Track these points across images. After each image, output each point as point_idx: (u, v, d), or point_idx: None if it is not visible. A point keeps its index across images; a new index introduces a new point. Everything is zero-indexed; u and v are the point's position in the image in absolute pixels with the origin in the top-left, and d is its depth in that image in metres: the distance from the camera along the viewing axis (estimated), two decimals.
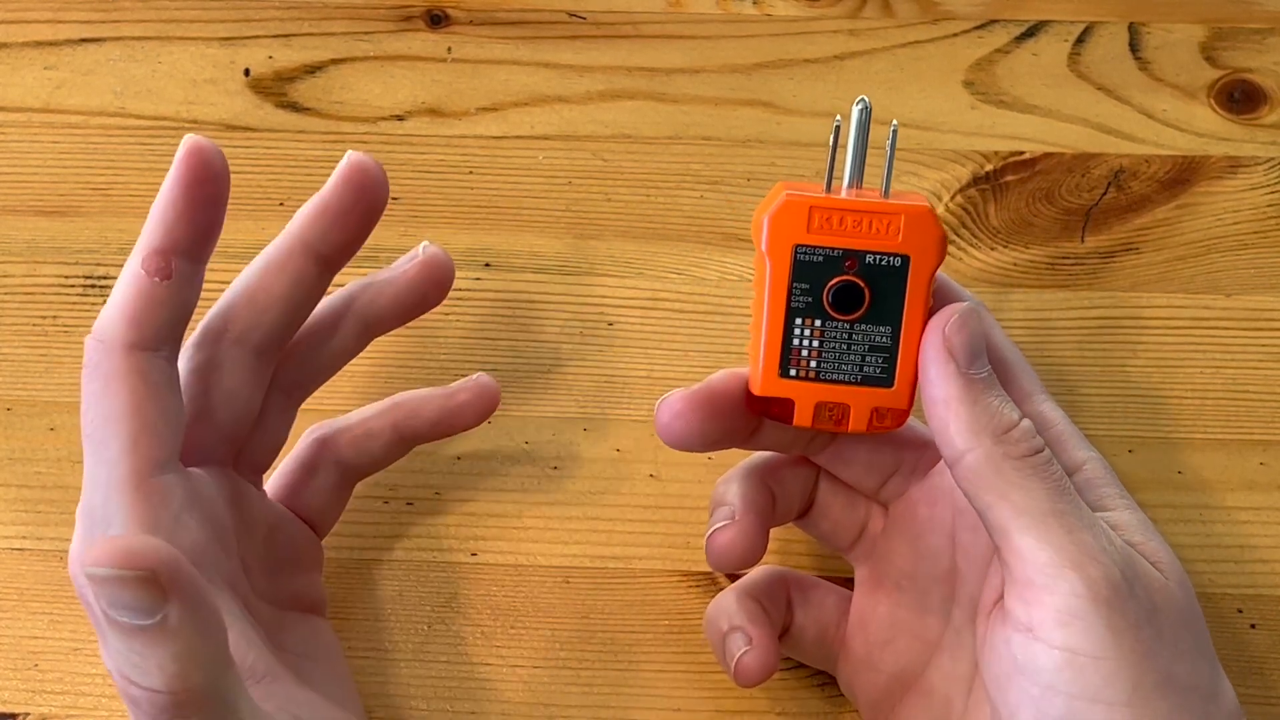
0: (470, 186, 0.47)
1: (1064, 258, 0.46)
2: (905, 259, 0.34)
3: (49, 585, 0.41)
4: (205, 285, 0.35)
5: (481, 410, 0.40)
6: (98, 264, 0.46)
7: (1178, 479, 0.43)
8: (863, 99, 0.34)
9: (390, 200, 0.47)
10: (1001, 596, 0.33)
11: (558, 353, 0.44)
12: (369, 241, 0.46)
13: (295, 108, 0.48)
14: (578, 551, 0.42)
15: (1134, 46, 0.49)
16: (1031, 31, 0.49)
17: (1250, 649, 0.41)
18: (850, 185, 0.34)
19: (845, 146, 0.34)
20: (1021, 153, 0.47)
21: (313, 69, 0.49)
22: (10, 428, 0.43)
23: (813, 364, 0.34)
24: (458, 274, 0.45)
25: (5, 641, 0.41)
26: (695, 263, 0.46)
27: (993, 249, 0.46)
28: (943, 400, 0.33)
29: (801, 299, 0.34)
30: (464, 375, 0.41)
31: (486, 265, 0.46)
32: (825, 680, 0.40)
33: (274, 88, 0.48)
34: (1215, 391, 0.44)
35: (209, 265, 0.35)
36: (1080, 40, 0.49)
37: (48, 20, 0.49)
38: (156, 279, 0.33)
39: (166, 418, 0.33)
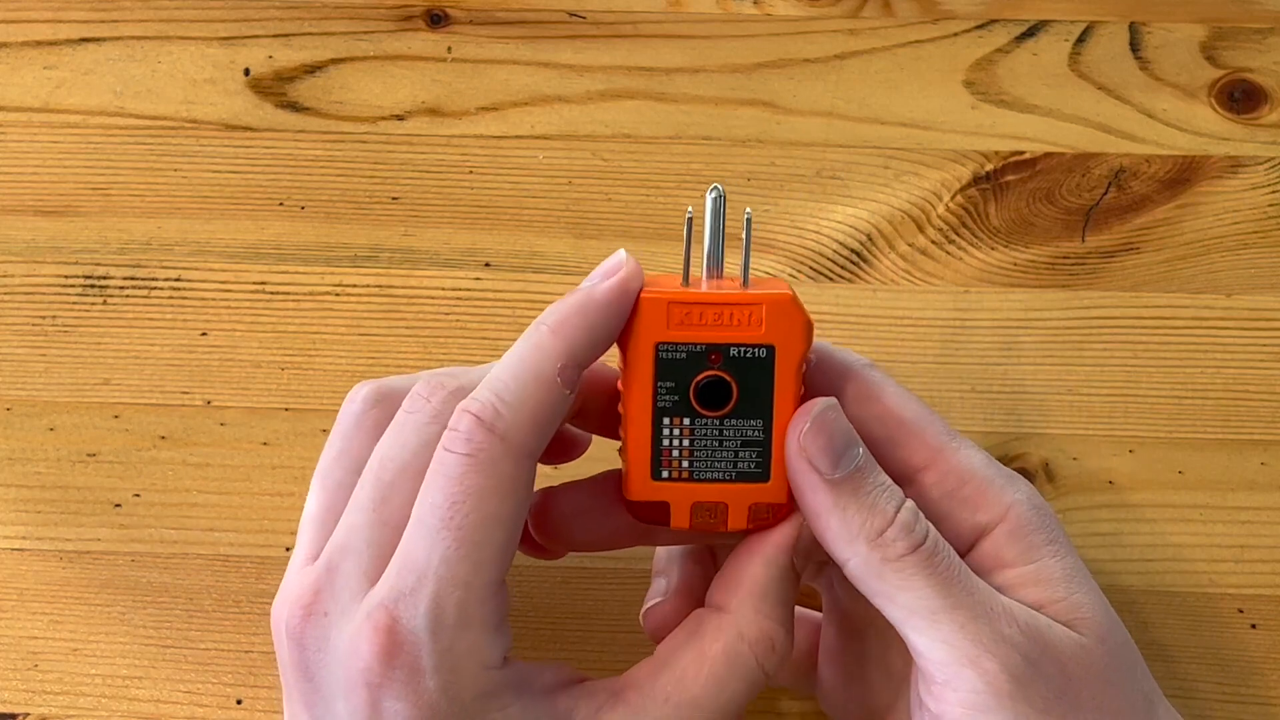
0: (470, 186, 0.47)
1: (1064, 257, 0.46)
2: (770, 349, 0.32)
3: (49, 585, 0.41)
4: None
5: None
6: (97, 264, 0.46)
7: (1178, 479, 0.43)
8: (716, 186, 0.33)
9: (390, 200, 0.47)
10: None
11: None
12: (368, 241, 0.46)
13: (295, 107, 0.48)
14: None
15: (1134, 46, 0.49)
16: (1032, 31, 0.49)
17: (1250, 649, 0.41)
18: (709, 275, 0.33)
19: (702, 231, 0.33)
20: (1022, 152, 0.47)
21: (313, 69, 0.49)
22: (10, 428, 0.43)
23: (685, 464, 0.33)
24: (457, 274, 0.46)
25: (5, 641, 0.41)
26: (695, 263, 0.46)
27: (993, 249, 0.46)
28: (812, 512, 0.32)
29: (668, 398, 0.32)
30: None
31: (486, 265, 0.46)
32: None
33: (274, 87, 0.48)
34: (1215, 391, 0.44)
35: (209, 262, 0.34)
36: (1080, 40, 0.49)
37: (48, 20, 0.49)
38: (566, 391, 0.32)
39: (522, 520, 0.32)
